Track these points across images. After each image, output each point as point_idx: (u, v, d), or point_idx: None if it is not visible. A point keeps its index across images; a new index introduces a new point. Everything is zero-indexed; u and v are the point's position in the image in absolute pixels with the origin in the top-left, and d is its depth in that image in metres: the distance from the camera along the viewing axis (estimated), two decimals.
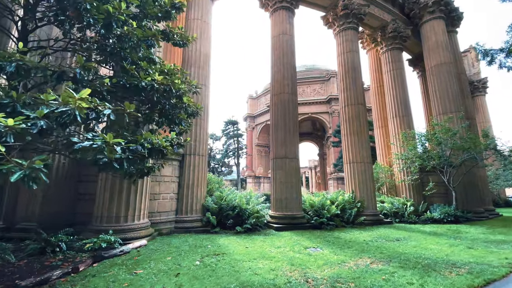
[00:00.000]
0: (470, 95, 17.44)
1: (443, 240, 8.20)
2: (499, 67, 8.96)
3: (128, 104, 4.07)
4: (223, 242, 7.88)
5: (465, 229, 10.53)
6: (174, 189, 9.89)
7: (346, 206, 11.87)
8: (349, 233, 9.62)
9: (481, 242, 7.81)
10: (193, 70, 11.16)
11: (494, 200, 25.06)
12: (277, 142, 11.78)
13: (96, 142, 3.45)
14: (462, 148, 12.52)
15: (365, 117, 13.67)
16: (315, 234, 9.40)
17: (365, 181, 12.76)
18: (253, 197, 11.24)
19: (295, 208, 10.97)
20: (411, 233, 9.66)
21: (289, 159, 11.43)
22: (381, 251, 6.79)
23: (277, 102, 12.16)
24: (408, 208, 12.87)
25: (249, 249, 6.94)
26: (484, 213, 13.86)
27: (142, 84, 4.92)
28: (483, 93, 29.38)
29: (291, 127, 11.79)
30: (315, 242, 8.12)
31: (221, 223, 10.02)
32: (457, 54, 17.73)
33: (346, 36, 14.72)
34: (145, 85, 4.91)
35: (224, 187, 12.04)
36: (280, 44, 12.77)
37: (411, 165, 13.83)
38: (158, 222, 9.11)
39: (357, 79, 14.04)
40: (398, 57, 16.77)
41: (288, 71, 12.42)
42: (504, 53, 8.50)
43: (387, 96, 16.71)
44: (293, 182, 11.23)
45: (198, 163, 10.43)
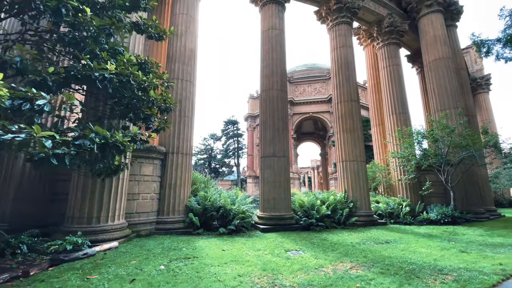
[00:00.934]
0: (470, 91, 16.82)
1: (435, 242, 7.68)
2: (496, 58, 8.42)
3: (67, 94, 3.69)
4: (201, 244, 7.47)
5: (462, 230, 9.98)
6: (156, 189, 9.51)
7: (338, 206, 11.40)
8: (338, 235, 9.15)
9: (477, 245, 7.28)
10: (177, 66, 10.79)
11: (498, 200, 24.31)
12: (265, 140, 11.36)
13: (20, 136, 3.07)
14: (460, 145, 11.95)
15: (358, 114, 13.17)
16: (301, 236, 8.95)
17: (358, 180, 12.26)
18: (239, 197, 10.82)
19: (283, 208, 10.53)
20: (404, 235, 9.16)
21: (278, 158, 10.99)
22: (365, 254, 6.32)
23: (266, 99, 11.73)
24: (404, 208, 12.33)
25: (225, 252, 6.52)
26: (485, 214, 13.25)
27: (95, 74, 4.54)
28: (486, 90, 28.59)
29: (280, 124, 11.36)
30: (299, 244, 7.68)
31: (205, 224, 9.62)
32: (457, 49, 17.12)
33: (339, 31, 14.25)
34: (98, 76, 4.53)
35: (212, 187, 11.63)
36: (269, 38, 12.35)
37: (407, 163, 13.28)
38: (137, 223, 8.74)
39: (350, 75, 13.56)
40: (395, 53, 16.23)
41: (278, 67, 11.99)
42: (501, 43, 7.97)
43: (383, 93, 16.18)
44: (282, 181, 10.78)
45: (182, 162, 10.04)
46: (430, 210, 12.41)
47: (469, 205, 13.01)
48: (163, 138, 10.20)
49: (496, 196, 25.12)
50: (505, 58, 8.22)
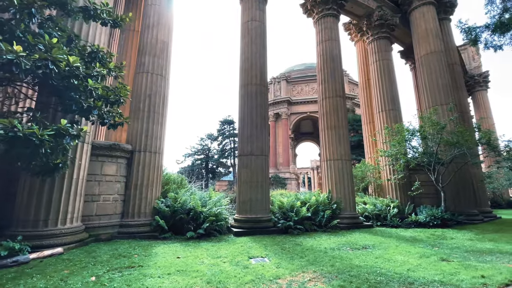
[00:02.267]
0: (464, 87, 16.10)
1: (417, 248, 6.99)
2: (485, 47, 7.74)
3: None
4: (159, 250, 6.81)
5: (451, 234, 9.28)
6: (120, 190, 8.86)
7: (320, 208, 10.71)
8: (315, 239, 8.46)
9: (462, 252, 6.58)
10: (147, 59, 10.15)
11: (496, 201, 23.56)
12: (243, 137, 10.70)
13: None
14: (450, 143, 11.22)
15: (344, 110, 12.49)
16: (275, 240, 8.28)
17: (342, 180, 11.57)
18: (214, 198, 10.14)
19: (260, 210, 9.86)
20: (386, 239, 8.46)
21: (255, 156, 10.32)
22: (334, 263, 5.64)
23: (244, 94, 11.08)
24: (392, 210, 11.61)
25: (178, 260, 5.86)
26: (479, 216, 12.51)
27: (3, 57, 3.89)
28: (485, 88, 27.82)
29: (258, 121, 10.70)
30: (268, 250, 7.01)
31: (174, 227, 8.96)
32: (450, 43, 16.40)
33: (325, 24, 13.59)
34: (3, 60, 3.87)
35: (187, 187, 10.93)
36: (248, 31, 11.70)
37: (395, 162, 12.57)
38: (96, 227, 8.09)
39: (336, 70, 12.88)
40: (385, 47, 15.53)
41: (257, 60, 11.34)
42: (490, 30, 7.29)
43: (373, 89, 15.48)
44: (259, 182, 10.11)
45: (150, 161, 9.38)
46: (419, 211, 11.70)
47: (461, 207, 12.27)
48: (130, 135, 9.56)
49: (494, 196, 24.36)
50: (494, 46, 7.52)
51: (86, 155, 7.67)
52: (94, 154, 8.27)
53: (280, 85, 58.64)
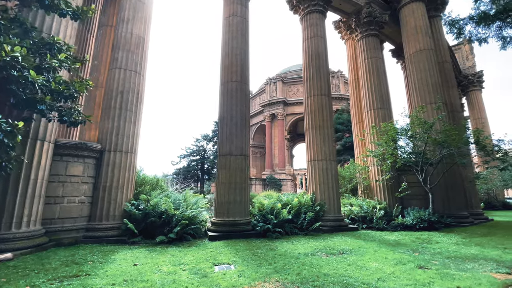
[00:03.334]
0: (455, 85, 15.73)
1: (396, 254, 6.54)
2: (470, 40, 7.35)
3: None
4: (119, 256, 6.34)
5: (437, 238, 8.85)
6: (87, 191, 8.38)
7: (302, 210, 10.27)
8: (293, 243, 8.00)
9: (443, 258, 6.14)
10: (121, 54, 9.70)
11: (491, 202, 23.20)
12: (222, 137, 10.25)
13: None
14: (437, 142, 10.81)
15: (329, 109, 12.08)
16: (251, 245, 7.82)
17: (327, 181, 11.13)
18: (191, 200, 9.67)
19: (238, 213, 9.40)
20: (368, 243, 8.01)
21: (234, 156, 9.87)
22: (301, 270, 5.19)
23: (224, 92, 10.64)
24: (378, 212, 11.17)
25: (134, 268, 5.39)
26: (469, 218, 12.08)
27: None
28: (479, 88, 27.52)
29: (238, 119, 10.26)
30: (239, 256, 6.55)
31: (146, 231, 8.49)
32: (441, 40, 16.03)
33: (311, 20, 13.20)
34: None
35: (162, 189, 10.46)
36: (229, 26, 11.28)
37: (382, 163, 12.15)
38: (59, 230, 7.60)
39: (321, 67, 12.48)
40: (374, 45, 15.15)
41: (238, 56, 10.91)
42: (474, 22, 6.90)
43: (362, 87, 15.09)
44: (238, 183, 9.66)
45: (122, 161, 8.92)
46: (406, 214, 11.25)
47: (451, 208, 11.85)
48: (100, 134, 9.09)
49: (488, 197, 23.99)
50: (479, 39, 7.13)
51: (46, 154, 7.20)
52: (58, 154, 7.80)
53: (276, 85, 58.29)
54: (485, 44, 7.18)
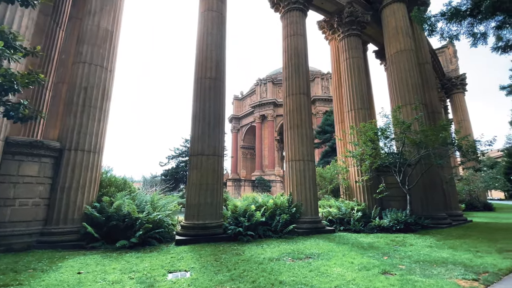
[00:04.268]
0: (435, 87, 15.75)
1: (364, 258, 6.26)
2: (441, 37, 7.18)
3: None
4: (68, 263, 5.85)
5: (412, 240, 8.65)
6: (43, 193, 7.81)
7: (277, 211, 9.93)
8: (262, 247, 7.64)
9: (411, 262, 5.89)
10: (86, 48, 9.17)
11: (473, 204, 23.43)
12: (194, 136, 9.83)
13: None
14: (413, 142, 10.68)
15: (308, 109, 11.82)
16: (217, 249, 7.41)
17: (304, 182, 10.84)
18: (157, 202, 9.20)
19: (209, 215, 8.97)
20: (340, 246, 7.72)
21: (206, 156, 9.46)
22: (258, 277, 4.83)
23: (197, 89, 10.23)
24: (355, 213, 10.94)
25: (76, 277, 4.93)
26: (447, 219, 11.99)
27: None
28: (462, 91, 27.92)
29: (211, 118, 9.85)
30: (200, 261, 6.15)
31: (108, 235, 7.96)
32: (422, 42, 16.04)
33: (291, 18, 12.95)
34: None
35: (129, 190, 9.93)
36: (205, 21, 10.89)
37: (362, 163, 11.96)
38: (8, 235, 7.01)
39: (300, 66, 12.21)
40: (356, 45, 15.02)
41: (213, 52, 10.52)
42: (446, 18, 6.73)
43: (343, 87, 14.92)
44: (209, 184, 9.24)
45: (84, 160, 8.38)
46: (384, 215, 11.07)
47: (429, 210, 11.75)
48: (61, 131, 8.55)
49: (471, 199, 24.26)
50: (450, 36, 6.97)
51: None
52: (9, 152, 7.23)
53: (266, 86, 58.06)
54: (457, 41, 7.04)
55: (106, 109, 9.37)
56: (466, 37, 6.97)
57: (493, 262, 5.82)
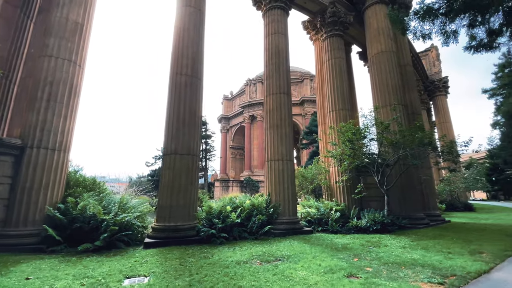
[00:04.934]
0: (415, 88, 15.92)
1: (333, 260, 6.11)
2: (415, 37, 7.16)
3: None
4: (20, 268, 5.45)
5: (388, 240, 8.60)
6: (2, 193, 7.31)
7: (254, 212, 9.72)
8: (234, 250, 7.40)
9: (380, 264, 5.78)
10: (53, 41, 8.72)
11: (454, 204, 23.85)
12: (167, 135, 9.49)
13: None
14: (390, 142, 10.70)
15: (288, 108, 11.67)
16: (186, 252, 7.13)
17: (282, 182, 10.68)
18: (127, 203, 8.83)
19: (181, 217, 8.66)
20: (313, 247, 7.57)
21: (180, 156, 9.14)
22: (218, 282, 4.61)
23: (172, 86, 9.91)
24: (334, 214, 10.85)
25: (23, 283, 4.57)
26: (424, 220, 12.09)
27: None
28: (444, 93, 28.52)
29: (186, 116, 9.55)
30: (163, 266, 5.85)
31: (72, 238, 7.54)
32: (403, 44, 16.19)
33: (272, 16, 12.79)
34: None
35: (98, 190, 9.49)
36: (181, 17, 10.58)
37: (341, 163, 11.90)
38: None
39: (281, 65, 12.07)
40: (338, 45, 15.01)
41: (189, 49, 10.22)
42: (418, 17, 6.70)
43: (325, 88, 14.88)
44: (183, 185, 8.93)
45: (46, 159, 7.93)
46: (362, 215, 11.03)
47: (407, 210, 11.81)
48: (23, 128, 8.07)
49: (452, 199, 24.72)
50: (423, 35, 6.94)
51: None
52: None
53: (256, 87, 57.92)
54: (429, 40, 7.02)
55: (74, 105, 8.94)
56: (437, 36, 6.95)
57: (463, 264, 5.74)
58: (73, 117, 8.92)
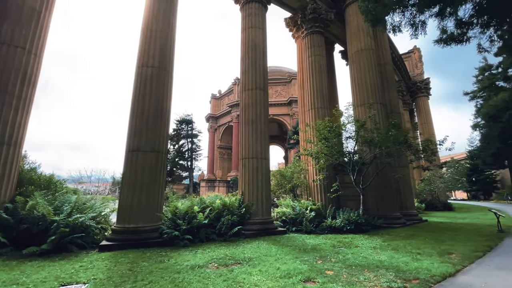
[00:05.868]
0: (395, 87, 15.90)
1: (295, 263, 5.74)
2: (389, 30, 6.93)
3: None
4: None
5: (360, 241, 8.35)
6: None
7: (224, 213, 9.27)
8: (195, 252, 6.92)
9: (343, 267, 5.46)
10: (6, 28, 8.03)
11: (433, 204, 24.15)
12: (131, 131, 8.90)
13: None
14: (365, 140, 10.50)
15: (263, 104, 11.30)
16: (142, 256, 6.60)
17: (256, 181, 10.29)
18: (83, 203, 8.21)
19: (143, 218, 8.10)
20: (280, 249, 7.20)
21: (143, 153, 8.59)
22: None
23: (138, 78, 9.33)
24: (308, 214, 10.54)
25: None
26: (401, 219, 11.97)
27: None
28: (426, 94, 28.94)
29: (151, 110, 8.99)
30: (109, 271, 5.33)
31: (19, 240, 6.89)
32: (384, 42, 16.16)
33: (249, 10, 12.39)
34: None
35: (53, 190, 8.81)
36: (151, 4, 10.01)
37: (318, 162, 11.63)
38: None
39: (257, 60, 11.69)
40: (318, 42, 14.78)
41: (158, 40, 9.67)
42: (389, 8, 6.43)
43: (305, 86, 14.61)
44: (145, 184, 8.37)
45: None
46: (338, 215, 10.77)
47: (384, 210, 11.65)
48: None
49: (432, 199, 25.04)
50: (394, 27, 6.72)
51: None
52: None
53: None
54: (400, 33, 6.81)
55: (28, 97, 8.25)
56: (406, 27, 6.73)
57: (429, 266, 5.48)
58: (27, 109, 8.22)
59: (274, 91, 48.96)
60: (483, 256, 6.46)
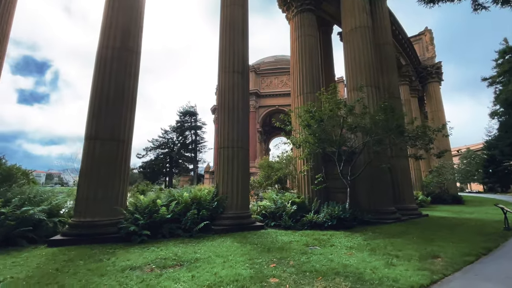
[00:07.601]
0: (395, 71, 14.44)
1: (241, 268, 4.92)
2: None
3: None
4: None
5: (338, 239, 7.45)
6: None
7: (193, 206, 8.54)
8: (141, 251, 6.20)
9: (293, 274, 4.59)
10: None
11: (441, 197, 22.63)
12: (89, 116, 8.18)
13: None
14: (349, 127, 9.39)
15: (243, 89, 10.36)
16: (86, 253, 5.98)
17: (231, 172, 9.47)
18: (39, 195, 7.68)
19: (100, 212, 7.49)
20: (240, 248, 6.40)
21: (101, 141, 7.90)
22: None
23: (98, 59, 8.55)
24: (290, 207, 9.66)
25: None
26: (395, 214, 10.87)
27: None
28: (437, 80, 26.90)
29: (111, 92, 8.26)
30: (37, 270, 4.80)
31: None
32: (383, 20, 14.60)
33: None
34: None
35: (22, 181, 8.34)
36: None
37: (302, 151, 10.65)
38: None
39: (236, 40, 10.67)
40: (309, 21, 13.53)
41: (119, 18, 8.82)
42: None
43: (293, 69, 13.48)
44: (103, 175, 7.72)
45: None
46: (322, 209, 9.84)
47: (375, 203, 10.60)
48: None
49: (440, 191, 23.50)
50: None
51: None
52: None
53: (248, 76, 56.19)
54: None
55: None
56: None
57: (399, 275, 4.49)
58: None
59: (279, 81, 47.59)
60: (475, 261, 5.43)
